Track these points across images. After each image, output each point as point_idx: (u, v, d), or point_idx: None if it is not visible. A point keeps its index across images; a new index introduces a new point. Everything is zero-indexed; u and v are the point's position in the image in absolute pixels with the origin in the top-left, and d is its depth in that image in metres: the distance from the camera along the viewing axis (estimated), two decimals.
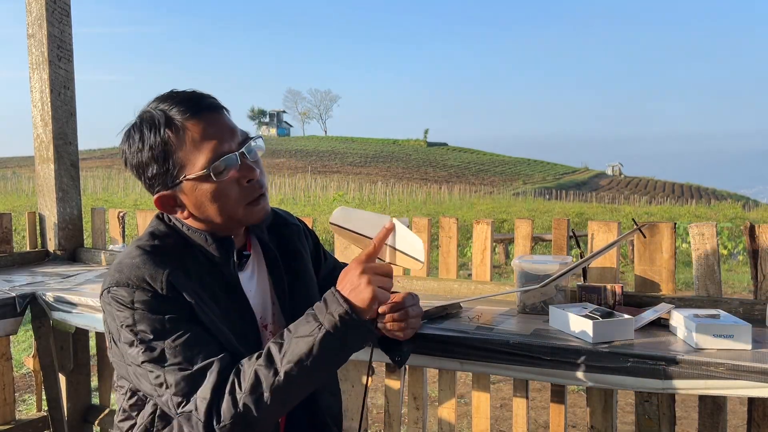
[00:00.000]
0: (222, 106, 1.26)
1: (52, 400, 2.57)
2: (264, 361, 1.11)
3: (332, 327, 1.10)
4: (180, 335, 1.14)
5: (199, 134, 1.19)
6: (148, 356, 1.13)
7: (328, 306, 1.13)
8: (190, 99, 1.22)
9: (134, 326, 1.14)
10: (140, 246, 1.23)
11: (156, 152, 1.19)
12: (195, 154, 1.19)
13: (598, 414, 1.81)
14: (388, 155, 75.96)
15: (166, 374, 1.12)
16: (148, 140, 1.20)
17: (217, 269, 1.26)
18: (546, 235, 11.08)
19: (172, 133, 1.19)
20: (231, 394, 1.09)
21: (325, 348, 1.10)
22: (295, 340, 1.11)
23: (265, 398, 1.09)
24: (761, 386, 1.31)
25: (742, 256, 12.16)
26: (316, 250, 1.56)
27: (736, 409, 3.76)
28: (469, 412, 3.09)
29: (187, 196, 1.23)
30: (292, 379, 1.09)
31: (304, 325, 1.13)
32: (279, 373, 1.09)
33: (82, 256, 2.90)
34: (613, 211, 26.36)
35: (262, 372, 1.10)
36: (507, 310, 1.86)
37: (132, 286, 1.16)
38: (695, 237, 1.80)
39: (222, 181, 1.20)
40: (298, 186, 36.81)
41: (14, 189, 29.23)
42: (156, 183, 1.23)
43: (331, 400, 1.48)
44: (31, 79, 2.82)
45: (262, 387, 1.09)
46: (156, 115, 1.20)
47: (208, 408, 1.09)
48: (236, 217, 1.25)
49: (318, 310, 1.14)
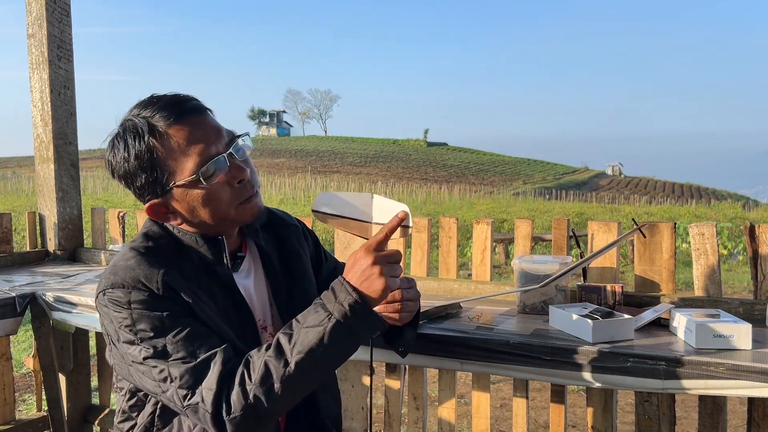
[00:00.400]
0: (205, 107, 1.24)
1: (52, 400, 2.57)
2: (273, 352, 1.10)
3: (342, 317, 1.09)
4: (180, 330, 1.13)
5: (185, 139, 1.17)
6: (150, 353, 1.13)
7: (337, 295, 1.11)
8: (173, 104, 1.19)
9: (133, 326, 1.14)
10: (134, 248, 1.22)
11: (142, 162, 1.18)
12: (182, 160, 1.17)
13: (598, 414, 1.81)
14: (388, 155, 75.96)
15: (170, 368, 1.11)
16: (133, 150, 1.18)
17: (213, 269, 1.25)
18: (546, 235, 11.08)
19: (156, 141, 1.17)
20: (241, 385, 1.09)
21: (335, 338, 1.09)
22: (304, 330, 1.10)
23: (276, 389, 1.08)
24: (761, 386, 1.31)
25: (742, 256, 12.17)
26: (316, 250, 1.56)
27: (736, 409, 3.76)
28: (469, 412, 3.09)
29: (179, 203, 1.21)
30: (302, 369, 1.09)
31: (312, 314, 1.12)
32: (290, 364, 1.08)
33: (82, 256, 2.90)
34: (613, 211, 26.36)
35: (272, 363, 1.09)
36: (507, 310, 1.86)
37: (128, 287, 1.15)
38: (695, 237, 1.80)
39: (212, 184, 1.19)
40: (298, 186, 36.80)
41: (14, 189, 29.23)
42: (146, 192, 1.21)
43: (331, 402, 1.47)
44: (31, 79, 2.82)
45: (272, 378, 1.08)
46: (138, 124, 1.18)
47: (215, 398, 1.08)
48: (229, 218, 1.24)
49: (326, 299, 1.12)
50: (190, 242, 1.25)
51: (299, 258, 1.45)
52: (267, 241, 1.39)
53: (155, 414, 1.23)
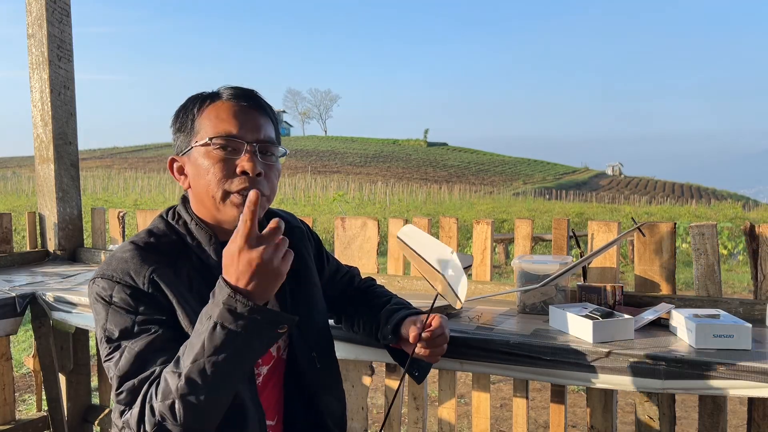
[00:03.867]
0: (264, 105, 1.29)
1: (52, 400, 2.57)
2: (173, 366, 1.06)
3: (220, 317, 1.01)
4: (144, 337, 1.12)
5: (226, 113, 1.24)
6: (109, 355, 1.13)
7: (215, 296, 1.04)
8: (242, 90, 1.29)
9: (106, 323, 1.15)
10: (134, 241, 1.24)
11: (187, 118, 1.27)
12: (210, 125, 1.23)
13: (598, 414, 1.81)
14: (388, 155, 75.95)
15: (114, 380, 1.12)
16: (188, 108, 1.28)
17: (210, 272, 1.23)
18: (546, 235, 11.08)
19: (206, 105, 1.26)
20: (149, 402, 1.06)
21: (218, 342, 1.01)
22: (191, 340, 1.06)
23: (177, 406, 1.03)
24: (761, 386, 1.31)
25: (742, 256, 12.17)
26: (319, 252, 1.56)
27: (736, 409, 3.76)
28: (469, 412, 3.09)
29: (191, 164, 1.26)
30: (192, 382, 1.03)
31: (199, 322, 1.06)
32: (182, 377, 1.03)
33: (82, 256, 2.90)
34: (613, 211, 26.36)
35: (170, 377, 1.05)
36: (507, 310, 1.86)
37: (114, 279, 1.16)
38: (695, 237, 1.80)
39: (217, 155, 1.21)
40: (298, 186, 36.80)
41: (14, 189, 29.23)
42: (175, 145, 1.30)
43: (334, 403, 1.46)
44: (31, 79, 2.82)
45: (171, 393, 1.04)
46: (207, 93, 1.29)
47: (138, 419, 1.07)
48: (215, 200, 1.22)
49: (209, 304, 1.06)
50: (202, 237, 1.26)
51: (303, 260, 1.44)
52: None
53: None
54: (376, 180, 45.70)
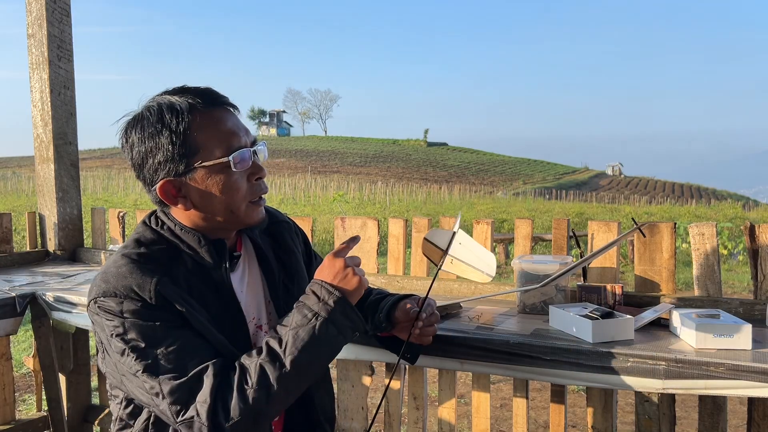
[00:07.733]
0: (236, 106, 1.29)
1: (52, 400, 2.57)
2: (267, 356, 1.14)
3: (328, 314, 1.17)
4: (172, 342, 1.13)
5: (222, 123, 1.21)
6: (141, 365, 1.11)
7: (320, 296, 1.19)
8: (209, 93, 1.23)
9: (125, 335, 1.13)
10: (126, 255, 1.20)
11: (175, 134, 1.17)
12: (214, 141, 1.19)
13: (598, 414, 1.81)
14: (388, 155, 75.96)
15: (162, 384, 1.10)
16: (168, 123, 1.17)
17: (207, 272, 1.24)
18: (546, 235, 11.07)
19: (194, 117, 1.18)
20: (240, 390, 1.11)
21: (324, 335, 1.16)
22: (292, 331, 1.15)
23: (274, 390, 1.12)
24: (761, 386, 1.31)
25: (742, 256, 12.16)
26: (306, 248, 1.57)
27: (736, 409, 3.76)
28: (469, 412, 3.09)
29: (197, 185, 1.20)
30: (297, 367, 1.13)
31: (297, 316, 1.18)
32: (285, 365, 1.13)
33: (82, 256, 2.90)
34: (613, 211, 26.35)
35: (267, 365, 1.13)
36: (507, 310, 1.86)
37: (120, 296, 1.14)
38: (695, 237, 1.80)
39: (236, 172, 1.21)
40: (298, 186, 36.80)
41: (14, 189, 29.23)
42: (162, 169, 1.19)
43: (325, 397, 1.49)
44: (31, 79, 2.82)
45: (269, 379, 1.12)
46: (176, 101, 1.19)
47: (211, 411, 1.08)
48: (238, 214, 1.24)
49: (309, 301, 1.19)
50: (191, 242, 1.24)
51: (293, 253, 1.45)
52: (262, 236, 1.40)
53: (149, 421, 1.22)
54: (376, 180, 45.70)
